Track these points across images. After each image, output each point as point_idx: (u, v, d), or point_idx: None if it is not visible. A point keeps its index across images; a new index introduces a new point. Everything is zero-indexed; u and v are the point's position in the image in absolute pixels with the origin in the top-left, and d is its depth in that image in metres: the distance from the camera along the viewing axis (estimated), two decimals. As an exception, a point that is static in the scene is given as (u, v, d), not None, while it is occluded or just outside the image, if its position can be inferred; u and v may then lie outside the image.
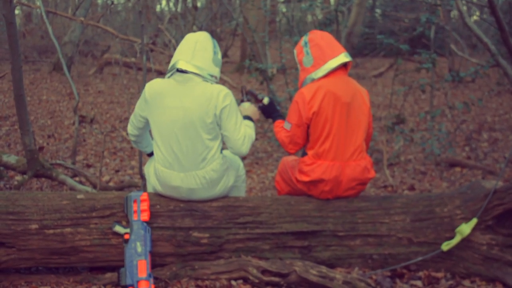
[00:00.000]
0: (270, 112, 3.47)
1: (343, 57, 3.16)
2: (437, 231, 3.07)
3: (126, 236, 2.94)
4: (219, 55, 3.16)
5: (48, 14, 8.57)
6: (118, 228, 2.98)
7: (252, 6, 8.14)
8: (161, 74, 10.03)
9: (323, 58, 3.16)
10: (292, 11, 9.50)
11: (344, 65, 3.23)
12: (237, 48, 15.19)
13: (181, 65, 2.99)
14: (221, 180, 3.13)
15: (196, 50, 3.03)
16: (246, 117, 3.29)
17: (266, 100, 3.45)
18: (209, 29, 13.90)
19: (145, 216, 2.96)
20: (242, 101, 3.44)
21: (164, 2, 20.54)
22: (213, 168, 3.06)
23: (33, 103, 8.63)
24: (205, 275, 2.97)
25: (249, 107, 3.37)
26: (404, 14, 12.90)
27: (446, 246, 2.99)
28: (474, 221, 2.95)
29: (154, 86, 3.07)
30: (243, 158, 6.33)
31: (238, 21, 8.31)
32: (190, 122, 2.98)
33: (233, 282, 2.94)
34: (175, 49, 4.40)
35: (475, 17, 13.51)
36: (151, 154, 3.45)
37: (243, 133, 3.09)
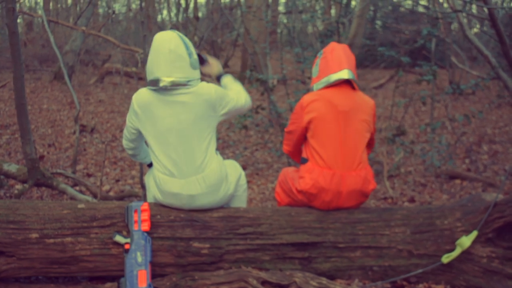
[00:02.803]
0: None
1: (344, 74, 3.18)
2: (437, 243, 3.07)
3: (127, 246, 2.93)
4: (194, 54, 3.07)
5: (49, 23, 8.57)
6: (119, 238, 2.97)
7: (253, 17, 8.19)
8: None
9: (326, 71, 3.23)
10: (293, 22, 9.51)
11: (348, 81, 3.24)
12: (238, 59, 15.24)
13: (164, 83, 2.95)
14: (221, 186, 3.12)
15: (172, 61, 2.95)
16: (221, 75, 3.44)
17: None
18: (210, 39, 13.94)
19: (145, 226, 2.96)
20: (202, 60, 3.39)
21: (165, 12, 20.65)
22: (211, 169, 3.06)
23: (34, 112, 8.64)
24: (205, 286, 2.96)
25: (214, 62, 3.46)
26: (405, 26, 12.92)
27: (446, 258, 2.99)
28: (474, 233, 2.95)
29: (141, 97, 3.04)
30: (244, 169, 6.34)
31: (239, 31, 8.35)
32: (184, 129, 2.99)
33: (233, 293, 2.94)
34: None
35: (475, 30, 13.55)
36: (151, 165, 3.44)
37: (241, 96, 3.25)
